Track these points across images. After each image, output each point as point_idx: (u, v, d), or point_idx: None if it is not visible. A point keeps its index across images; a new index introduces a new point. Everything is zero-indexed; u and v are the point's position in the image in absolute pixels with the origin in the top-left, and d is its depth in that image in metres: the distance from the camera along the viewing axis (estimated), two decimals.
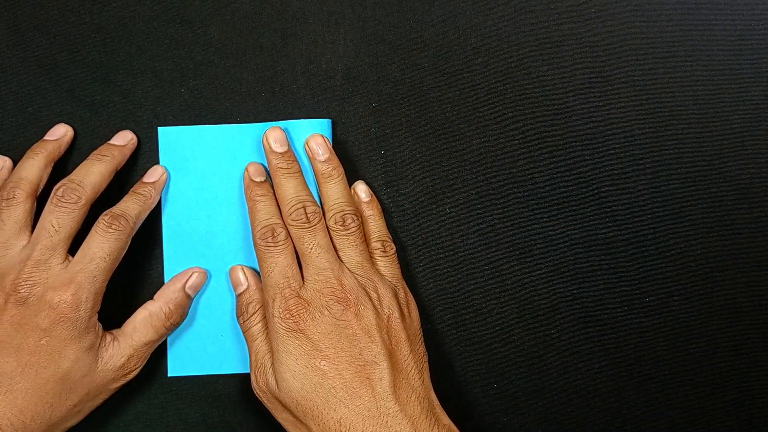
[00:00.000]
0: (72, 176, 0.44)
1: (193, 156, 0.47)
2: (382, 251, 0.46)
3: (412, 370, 0.42)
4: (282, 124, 0.47)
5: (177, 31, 0.48)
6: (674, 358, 0.48)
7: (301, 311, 0.42)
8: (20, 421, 0.40)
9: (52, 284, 0.41)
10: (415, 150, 0.48)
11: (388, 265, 0.46)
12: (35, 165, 0.45)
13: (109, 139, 0.47)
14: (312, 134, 0.46)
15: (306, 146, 0.46)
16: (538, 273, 0.48)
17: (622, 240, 0.48)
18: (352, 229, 0.45)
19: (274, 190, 0.46)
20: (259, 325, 0.44)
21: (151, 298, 0.46)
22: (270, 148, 0.46)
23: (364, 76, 0.48)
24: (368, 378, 0.41)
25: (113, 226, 0.43)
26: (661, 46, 0.48)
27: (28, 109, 0.48)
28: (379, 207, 0.47)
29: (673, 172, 0.48)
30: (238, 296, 0.46)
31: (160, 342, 0.46)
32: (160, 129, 0.47)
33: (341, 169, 0.46)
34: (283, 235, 0.44)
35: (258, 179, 0.46)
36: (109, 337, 0.44)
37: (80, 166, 0.45)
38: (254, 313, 0.45)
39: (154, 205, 0.46)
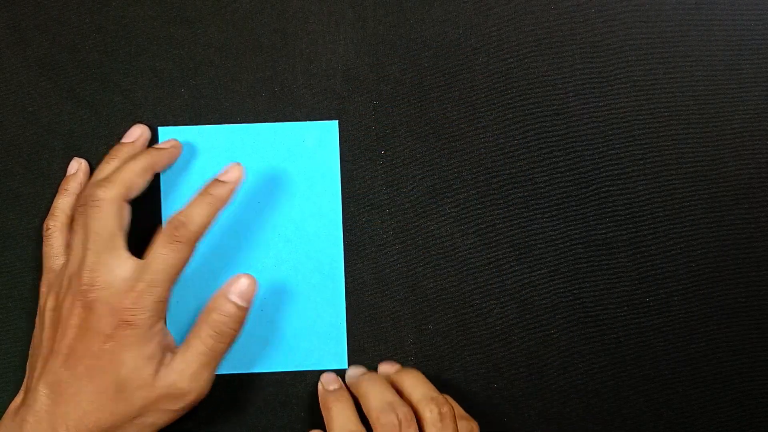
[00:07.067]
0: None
1: (193, 156, 0.47)
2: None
3: None
4: (288, 125, 0.47)
5: (177, 31, 0.48)
6: (674, 358, 0.48)
7: None
8: (84, 424, 0.40)
9: (117, 289, 0.41)
10: (415, 150, 0.48)
11: None
12: (111, 169, 0.45)
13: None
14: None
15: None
16: (538, 273, 0.48)
17: (622, 240, 0.48)
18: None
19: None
20: None
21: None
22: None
23: (364, 76, 0.48)
24: None
25: (174, 236, 0.42)
26: (661, 46, 0.48)
27: (28, 109, 0.48)
28: None
29: (673, 172, 0.48)
30: None
31: (215, 364, 0.43)
32: (160, 129, 0.47)
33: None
34: None
35: (332, 387, 0.46)
36: (170, 356, 0.42)
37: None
38: None
39: (226, 206, 0.44)
